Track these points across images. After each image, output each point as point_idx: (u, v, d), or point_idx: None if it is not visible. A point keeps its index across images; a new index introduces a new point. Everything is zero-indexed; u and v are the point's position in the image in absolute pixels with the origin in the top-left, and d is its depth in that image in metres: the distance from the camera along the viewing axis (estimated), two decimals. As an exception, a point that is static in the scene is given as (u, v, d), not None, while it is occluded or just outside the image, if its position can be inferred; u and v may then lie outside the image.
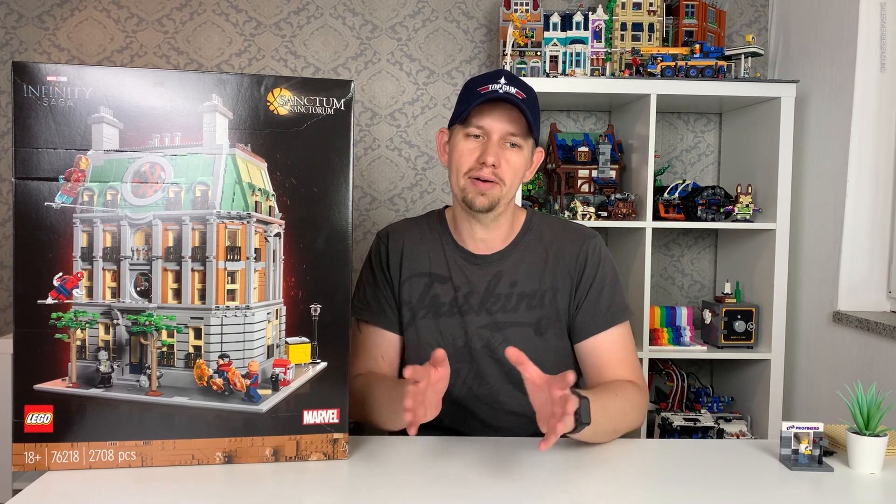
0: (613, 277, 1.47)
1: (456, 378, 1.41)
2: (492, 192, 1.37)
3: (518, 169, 1.40)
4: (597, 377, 1.43)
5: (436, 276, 1.46)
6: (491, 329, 1.43)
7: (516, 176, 1.40)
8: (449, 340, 1.43)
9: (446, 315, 1.44)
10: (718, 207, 2.43)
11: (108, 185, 1.11)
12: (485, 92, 1.35)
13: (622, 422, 1.31)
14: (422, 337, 1.45)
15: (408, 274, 1.47)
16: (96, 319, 1.13)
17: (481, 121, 1.37)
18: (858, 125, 2.21)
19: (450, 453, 1.24)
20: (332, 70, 2.74)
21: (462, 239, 1.48)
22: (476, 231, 1.45)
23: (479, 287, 1.45)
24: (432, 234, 1.50)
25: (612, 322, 1.43)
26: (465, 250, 1.47)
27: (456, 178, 1.40)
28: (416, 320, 1.46)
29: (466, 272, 1.46)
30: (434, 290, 1.46)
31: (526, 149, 1.40)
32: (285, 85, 1.15)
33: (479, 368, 1.43)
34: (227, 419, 1.15)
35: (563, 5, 2.77)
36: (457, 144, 1.40)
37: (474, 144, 1.38)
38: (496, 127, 1.37)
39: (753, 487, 1.13)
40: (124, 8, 2.70)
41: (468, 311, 1.44)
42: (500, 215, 1.43)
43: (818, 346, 2.39)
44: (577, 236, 1.48)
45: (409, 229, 1.52)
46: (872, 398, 1.18)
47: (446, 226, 1.51)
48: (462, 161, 1.39)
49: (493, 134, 1.37)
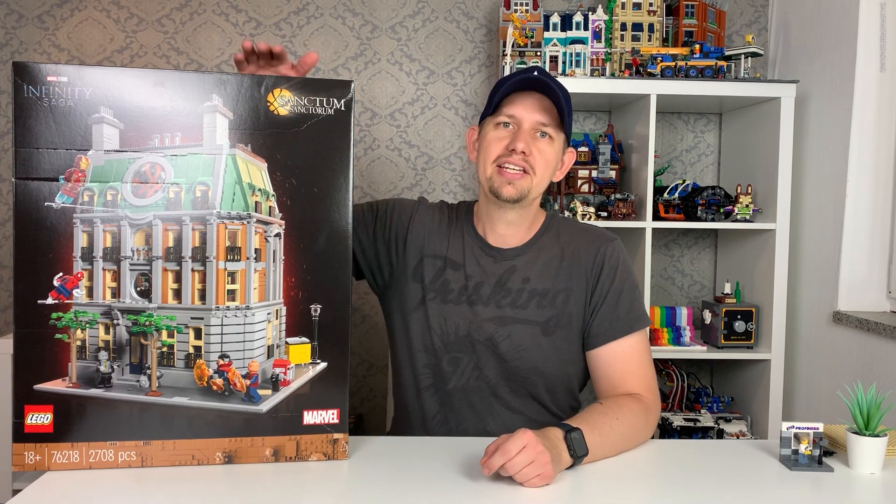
0: (632, 283, 1.42)
1: (455, 367, 1.40)
2: (520, 183, 1.34)
3: (550, 160, 1.36)
4: (608, 388, 1.38)
5: (451, 261, 1.44)
6: (497, 323, 1.40)
7: (547, 168, 1.37)
8: (452, 328, 1.40)
9: (454, 302, 1.42)
10: (718, 207, 2.43)
11: (109, 186, 1.11)
12: (519, 79, 1.32)
13: (624, 445, 1.27)
14: (428, 319, 1.41)
15: (429, 252, 1.45)
16: (96, 319, 1.13)
17: (512, 109, 1.34)
18: (858, 125, 2.21)
19: (450, 453, 1.24)
20: (332, 70, 2.74)
21: (483, 231, 1.46)
22: (498, 225, 1.42)
23: (490, 278, 1.42)
24: (458, 221, 1.48)
25: (630, 330, 1.39)
26: (482, 240, 1.45)
27: (483, 167, 1.37)
28: (426, 302, 1.42)
29: (481, 262, 1.43)
30: (446, 276, 1.43)
31: (557, 142, 1.37)
32: (285, 85, 1.15)
33: (479, 360, 1.40)
34: (227, 419, 1.15)
35: (563, 5, 2.77)
36: (486, 135, 1.38)
37: (504, 133, 1.36)
38: (527, 116, 1.34)
39: (753, 487, 1.13)
40: (124, 8, 2.70)
41: (476, 302, 1.41)
42: (526, 208, 1.40)
43: (818, 347, 2.39)
44: (595, 238, 1.44)
45: (440, 211, 1.50)
46: (872, 398, 1.18)
47: (472, 217, 1.49)
48: (490, 149, 1.36)
49: (524, 122, 1.34)
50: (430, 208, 1.51)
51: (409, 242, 1.46)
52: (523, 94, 1.35)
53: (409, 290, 1.44)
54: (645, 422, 1.31)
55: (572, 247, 1.43)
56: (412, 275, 1.45)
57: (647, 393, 1.36)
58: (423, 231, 1.47)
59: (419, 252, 1.45)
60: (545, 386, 1.41)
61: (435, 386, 1.42)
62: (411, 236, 1.46)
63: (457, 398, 1.41)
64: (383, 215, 1.49)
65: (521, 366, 1.39)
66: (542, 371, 1.40)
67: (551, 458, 1.09)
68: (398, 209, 1.49)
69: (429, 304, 1.42)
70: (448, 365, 1.41)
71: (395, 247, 1.47)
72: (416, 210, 1.49)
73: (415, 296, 1.44)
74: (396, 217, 1.48)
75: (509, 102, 1.35)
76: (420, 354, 1.42)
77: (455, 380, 1.41)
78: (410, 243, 1.46)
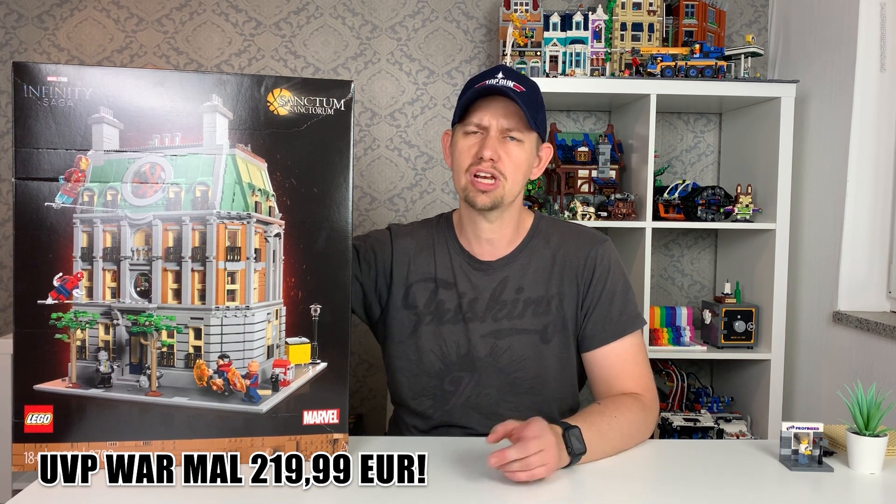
0: (624, 284, 1.42)
1: (456, 386, 1.39)
2: (494, 192, 1.34)
3: (520, 163, 1.35)
4: (605, 389, 1.38)
5: (441, 280, 1.42)
6: (495, 337, 1.38)
7: (518, 171, 1.35)
8: (452, 348, 1.39)
9: (450, 322, 1.40)
10: (718, 207, 2.43)
11: (109, 186, 1.11)
12: (479, 87, 1.32)
13: (622, 444, 1.26)
14: (423, 343, 1.40)
15: (416, 277, 1.43)
16: (96, 320, 1.13)
17: (478, 116, 1.34)
18: (858, 125, 2.21)
19: (450, 454, 1.24)
20: (331, 70, 2.74)
21: (468, 242, 1.44)
22: (482, 230, 1.41)
23: (484, 294, 1.40)
24: (439, 238, 1.46)
25: (623, 332, 1.39)
26: (470, 256, 1.43)
27: (458, 176, 1.37)
28: (421, 327, 1.41)
29: (472, 278, 1.41)
30: (439, 296, 1.41)
31: (528, 143, 1.36)
32: (285, 85, 1.15)
33: (481, 378, 1.39)
34: (226, 419, 1.15)
35: (563, 5, 2.77)
36: (456, 143, 1.38)
37: (473, 140, 1.35)
38: (493, 121, 1.33)
39: (753, 487, 1.13)
40: (124, 8, 2.70)
41: (472, 319, 1.39)
42: (505, 212, 1.39)
43: (818, 347, 2.39)
44: (585, 240, 1.43)
45: (418, 231, 1.48)
46: (872, 398, 1.18)
47: (453, 230, 1.47)
48: (462, 158, 1.36)
49: (491, 129, 1.33)
50: (406, 233, 1.48)
51: (395, 274, 1.44)
52: (489, 100, 1.34)
53: (401, 318, 1.43)
54: (643, 420, 1.31)
55: (563, 250, 1.42)
56: (402, 304, 1.43)
57: (645, 392, 1.36)
58: (406, 259, 1.45)
59: (405, 281, 1.44)
60: (550, 395, 1.40)
61: (435, 406, 1.41)
62: (396, 268, 1.44)
63: (455, 416, 1.40)
64: (365, 255, 1.45)
65: (524, 376, 1.38)
66: (545, 379, 1.39)
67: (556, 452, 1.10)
68: (377, 246, 1.46)
69: (425, 329, 1.41)
70: (449, 384, 1.40)
71: (384, 281, 1.45)
72: (394, 240, 1.46)
73: (408, 322, 1.42)
74: (380, 253, 1.45)
75: (476, 109, 1.34)
76: (420, 378, 1.41)
77: (456, 398, 1.40)
78: (396, 275, 1.44)
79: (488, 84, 1.32)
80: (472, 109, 1.35)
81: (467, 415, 1.40)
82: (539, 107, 1.37)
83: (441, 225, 1.49)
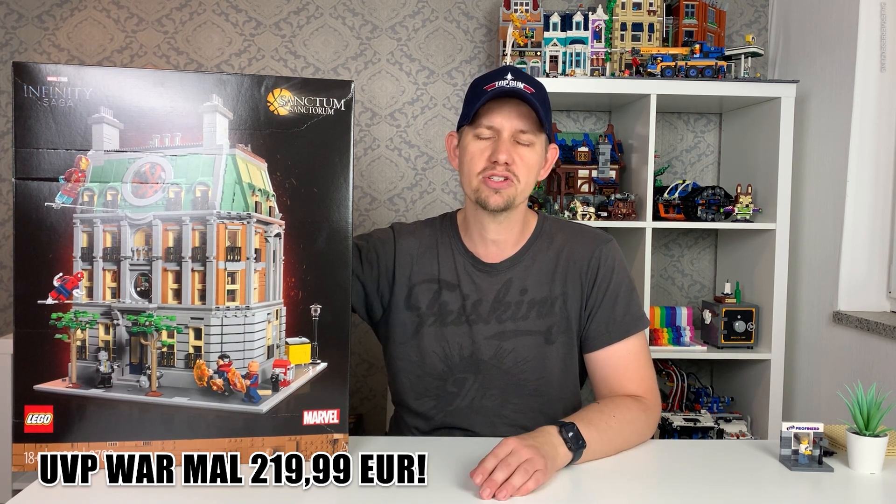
0: (628, 285, 1.41)
1: (459, 388, 1.39)
2: (507, 191, 1.33)
3: (532, 166, 1.35)
4: (607, 390, 1.37)
5: (445, 282, 1.41)
6: (500, 338, 1.38)
7: (531, 173, 1.35)
8: (455, 350, 1.39)
9: (453, 324, 1.39)
10: (718, 207, 2.43)
11: (109, 186, 1.11)
12: (491, 89, 1.31)
13: (622, 443, 1.26)
14: (426, 345, 1.40)
15: (419, 278, 1.42)
16: (96, 320, 1.13)
17: (490, 119, 1.32)
18: (858, 125, 2.21)
19: (451, 454, 1.24)
20: (332, 70, 2.74)
21: (473, 244, 1.43)
22: (489, 231, 1.39)
23: (488, 296, 1.39)
24: (443, 239, 1.45)
25: (627, 333, 1.38)
26: (474, 257, 1.42)
27: (468, 179, 1.35)
28: (423, 328, 1.40)
29: (476, 280, 1.41)
30: (443, 298, 1.40)
31: (539, 145, 1.35)
32: (285, 85, 1.15)
33: (485, 380, 1.38)
34: (227, 419, 1.15)
35: (563, 5, 2.77)
36: (467, 146, 1.36)
37: (485, 144, 1.34)
38: (505, 124, 1.32)
39: (753, 487, 1.13)
40: (124, 8, 2.70)
41: (476, 321, 1.39)
42: (513, 213, 1.38)
43: (818, 347, 2.39)
44: (589, 240, 1.42)
45: (421, 231, 1.47)
46: (872, 398, 1.18)
47: (457, 230, 1.45)
48: (474, 163, 1.34)
49: (503, 132, 1.32)
50: (410, 233, 1.47)
51: (398, 274, 1.43)
52: (500, 102, 1.32)
53: (403, 319, 1.42)
54: (644, 421, 1.30)
55: (567, 250, 1.41)
56: (405, 304, 1.42)
57: (647, 394, 1.36)
58: (409, 259, 1.44)
59: (407, 281, 1.43)
60: (553, 395, 1.40)
61: (437, 408, 1.41)
62: (398, 268, 1.43)
63: (459, 418, 1.40)
64: (367, 254, 1.44)
65: (529, 378, 1.38)
66: (549, 380, 1.39)
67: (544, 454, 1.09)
68: (379, 246, 1.45)
69: (427, 330, 1.40)
70: (452, 386, 1.39)
71: (386, 281, 1.44)
72: (397, 240, 1.45)
73: (411, 324, 1.41)
74: (382, 253, 1.44)
75: (487, 111, 1.33)
76: (423, 379, 1.41)
77: (459, 400, 1.39)
78: (399, 275, 1.43)
79: (499, 86, 1.31)
80: (483, 112, 1.33)
81: (470, 417, 1.39)
82: (548, 107, 1.37)
83: (445, 226, 1.48)
